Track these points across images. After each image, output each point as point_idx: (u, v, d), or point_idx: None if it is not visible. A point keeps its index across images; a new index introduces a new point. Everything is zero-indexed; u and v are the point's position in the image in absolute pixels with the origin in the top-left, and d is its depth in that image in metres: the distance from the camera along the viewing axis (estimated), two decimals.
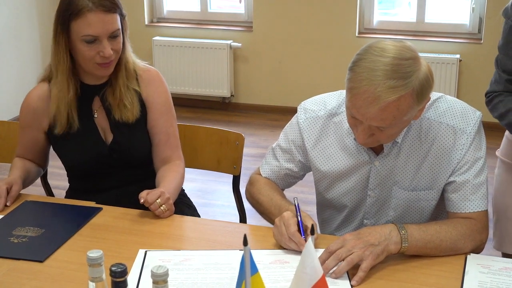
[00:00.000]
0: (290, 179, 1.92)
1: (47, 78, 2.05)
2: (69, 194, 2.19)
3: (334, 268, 1.51)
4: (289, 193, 1.92)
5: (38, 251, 1.65)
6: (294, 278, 1.18)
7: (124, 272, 1.13)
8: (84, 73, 2.03)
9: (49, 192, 2.43)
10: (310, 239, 1.15)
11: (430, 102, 1.68)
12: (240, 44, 5.42)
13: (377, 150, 1.74)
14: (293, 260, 1.59)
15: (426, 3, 5.05)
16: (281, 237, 1.61)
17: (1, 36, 5.01)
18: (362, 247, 1.52)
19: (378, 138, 1.61)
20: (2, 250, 1.66)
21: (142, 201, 1.80)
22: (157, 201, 1.81)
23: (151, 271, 1.14)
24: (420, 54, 1.59)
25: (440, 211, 1.83)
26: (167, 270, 1.14)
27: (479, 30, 4.94)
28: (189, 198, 2.31)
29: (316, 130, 1.81)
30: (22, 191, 2.01)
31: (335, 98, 1.81)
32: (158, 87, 2.10)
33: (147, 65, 2.13)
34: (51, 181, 2.41)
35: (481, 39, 4.91)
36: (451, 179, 1.70)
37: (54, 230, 1.77)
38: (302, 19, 5.27)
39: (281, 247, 1.64)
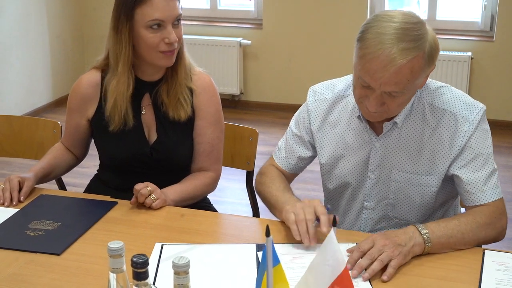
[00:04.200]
0: (301, 163, 1.95)
1: (101, 67, 2.03)
2: (94, 184, 2.15)
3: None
4: (300, 191, 1.91)
5: (55, 244, 1.65)
6: (312, 270, 1.17)
7: (146, 263, 1.12)
8: (141, 68, 1.99)
9: (61, 187, 2.42)
10: (332, 231, 1.14)
11: (434, 88, 1.75)
12: (249, 42, 5.42)
13: (377, 131, 1.77)
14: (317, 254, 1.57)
15: (438, 0, 5.02)
16: (300, 216, 1.58)
17: (11, 32, 5.02)
18: (391, 247, 1.52)
19: (389, 107, 1.63)
20: (19, 243, 1.66)
21: (133, 199, 1.83)
22: (148, 188, 1.82)
23: (173, 262, 1.13)
24: None
25: (449, 204, 1.85)
26: (189, 261, 1.14)
27: (491, 28, 4.90)
28: (212, 206, 2.24)
29: (323, 112, 1.86)
30: (39, 185, 2.00)
31: (343, 82, 1.86)
32: (212, 96, 2.07)
33: (201, 71, 2.10)
34: (64, 178, 2.40)
35: (493, 37, 4.86)
36: (457, 171, 1.71)
37: (70, 224, 1.77)
38: (312, 16, 5.25)
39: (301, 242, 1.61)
